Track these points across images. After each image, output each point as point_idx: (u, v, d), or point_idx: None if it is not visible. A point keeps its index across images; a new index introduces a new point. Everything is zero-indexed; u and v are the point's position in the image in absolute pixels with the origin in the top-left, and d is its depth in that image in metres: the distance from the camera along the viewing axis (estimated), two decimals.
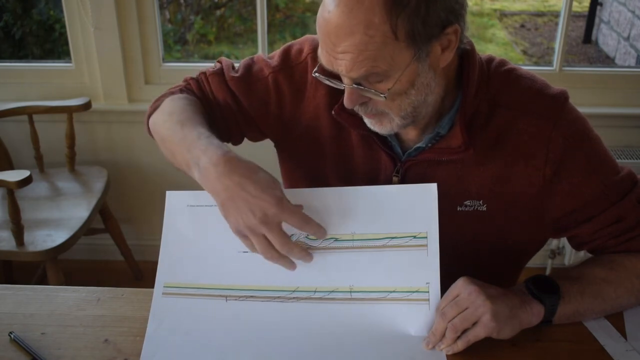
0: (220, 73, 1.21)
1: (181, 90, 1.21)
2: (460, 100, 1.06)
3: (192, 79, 1.24)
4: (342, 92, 1.02)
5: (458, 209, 1.11)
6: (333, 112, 1.11)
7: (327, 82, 1.03)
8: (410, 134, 1.12)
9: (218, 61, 1.25)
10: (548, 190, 1.07)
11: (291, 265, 1.03)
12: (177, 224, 1.10)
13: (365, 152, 1.15)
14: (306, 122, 1.18)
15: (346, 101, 1.01)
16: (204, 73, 1.23)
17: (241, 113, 1.20)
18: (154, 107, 1.19)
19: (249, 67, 1.21)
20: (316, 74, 1.05)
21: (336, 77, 1.01)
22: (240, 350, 1.01)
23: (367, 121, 1.06)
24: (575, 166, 1.06)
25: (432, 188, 1.03)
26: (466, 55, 1.05)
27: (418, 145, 1.11)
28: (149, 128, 1.21)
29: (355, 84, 0.98)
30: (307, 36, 1.20)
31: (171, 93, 1.20)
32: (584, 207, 1.08)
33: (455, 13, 0.95)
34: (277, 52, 1.21)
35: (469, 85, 1.04)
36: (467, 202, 1.10)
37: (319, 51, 1.00)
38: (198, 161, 1.00)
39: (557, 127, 1.05)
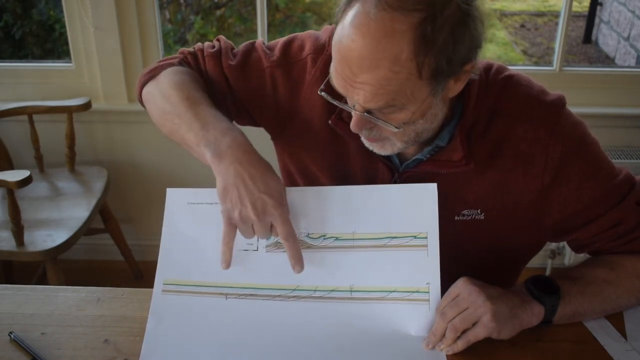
0: (217, 56, 1.18)
1: (180, 63, 1.18)
2: (461, 113, 1.05)
3: (189, 53, 1.21)
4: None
5: (456, 218, 1.10)
6: (330, 122, 1.09)
7: (334, 103, 1.01)
8: (409, 147, 1.11)
9: (217, 39, 1.22)
10: (547, 196, 1.07)
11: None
12: (177, 222, 1.10)
13: (362, 161, 1.14)
14: (301, 121, 1.16)
15: (353, 126, 0.99)
16: (201, 50, 1.20)
17: (233, 99, 1.18)
18: (149, 77, 1.16)
19: (247, 54, 1.18)
20: (323, 93, 1.03)
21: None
22: (240, 348, 1.01)
23: (367, 143, 1.05)
24: (574, 172, 1.06)
25: (432, 188, 1.03)
26: None
27: (416, 157, 1.10)
28: (141, 96, 1.18)
29: (366, 112, 0.96)
30: (311, 33, 1.17)
31: (169, 64, 1.17)
32: (583, 211, 1.08)
33: (476, 49, 0.94)
34: (278, 44, 1.18)
35: (470, 100, 1.04)
36: (465, 212, 1.10)
37: (333, 73, 0.96)
38: (215, 141, 1.00)
39: (555, 134, 1.04)
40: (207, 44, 1.21)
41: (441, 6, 0.88)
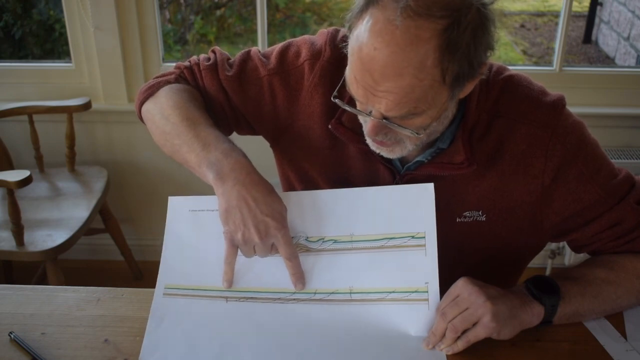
0: (213, 69, 1.18)
1: (176, 79, 1.19)
2: (463, 115, 1.05)
3: (186, 68, 1.21)
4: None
5: (457, 220, 1.10)
6: (330, 127, 1.09)
7: (348, 109, 1.01)
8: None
9: (212, 51, 1.22)
10: (547, 197, 1.07)
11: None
12: (179, 229, 1.11)
13: (363, 164, 1.13)
14: (299, 128, 1.16)
15: (369, 132, 0.98)
16: (197, 64, 1.20)
17: (232, 111, 1.18)
18: (148, 94, 1.16)
19: (243, 64, 1.18)
20: (336, 99, 1.02)
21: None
22: (240, 350, 1.00)
23: (375, 147, 1.04)
24: (574, 173, 1.06)
25: (429, 188, 1.03)
26: None
27: (418, 159, 1.10)
28: (140, 114, 1.19)
29: (384, 118, 0.96)
30: (306, 38, 1.17)
31: (167, 82, 1.17)
32: (583, 211, 1.08)
33: (490, 50, 0.94)
34: (274, 52, 1.18)
35: (471, 101, 1.04)
36: (467, 213, 1.10)
37: (351, 81, 0.95)
38: (217, 162, 1.01)
39: (555, 136, 1.04)
40: (202, 56, 1.22)
41: (465, 11, 0.88)
